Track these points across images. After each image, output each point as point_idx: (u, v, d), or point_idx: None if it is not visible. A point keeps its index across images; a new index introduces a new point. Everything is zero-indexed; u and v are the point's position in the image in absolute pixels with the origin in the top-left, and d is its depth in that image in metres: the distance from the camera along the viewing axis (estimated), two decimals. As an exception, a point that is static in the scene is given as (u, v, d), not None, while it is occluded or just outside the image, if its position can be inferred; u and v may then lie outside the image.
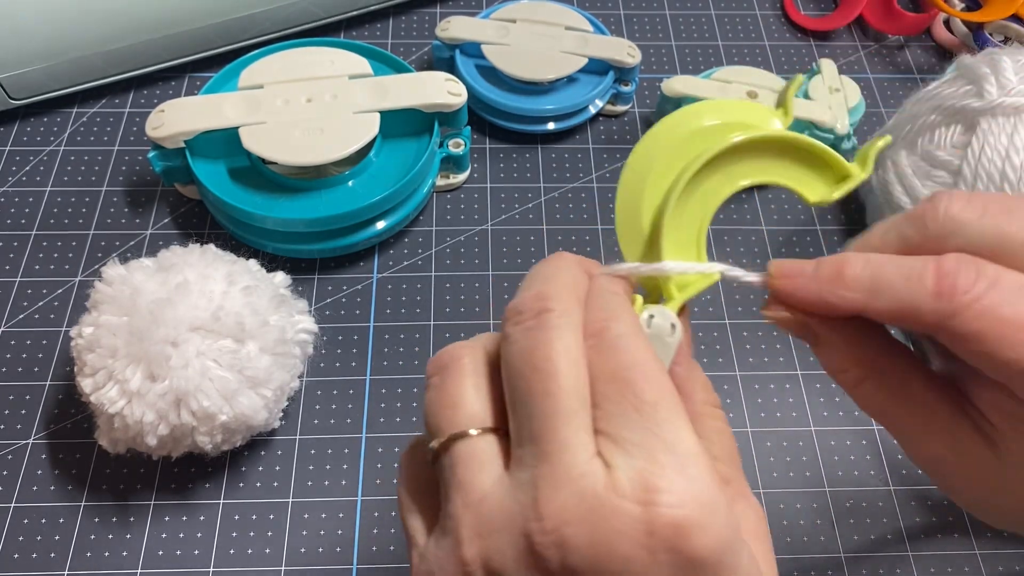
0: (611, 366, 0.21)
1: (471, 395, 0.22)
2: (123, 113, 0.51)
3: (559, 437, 0.20)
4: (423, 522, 0.22)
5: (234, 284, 0.36)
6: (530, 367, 0.21)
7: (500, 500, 0.20)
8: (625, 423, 0.20)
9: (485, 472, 0.21)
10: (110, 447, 0.36)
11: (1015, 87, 0.39)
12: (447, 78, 0.45)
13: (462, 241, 0.46)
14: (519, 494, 0.20)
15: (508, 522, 0.20)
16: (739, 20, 0.58)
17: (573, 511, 0.19)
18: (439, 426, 0.22)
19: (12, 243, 0.45)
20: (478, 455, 0.21)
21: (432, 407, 0.22)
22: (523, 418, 0.21)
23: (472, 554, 0.20)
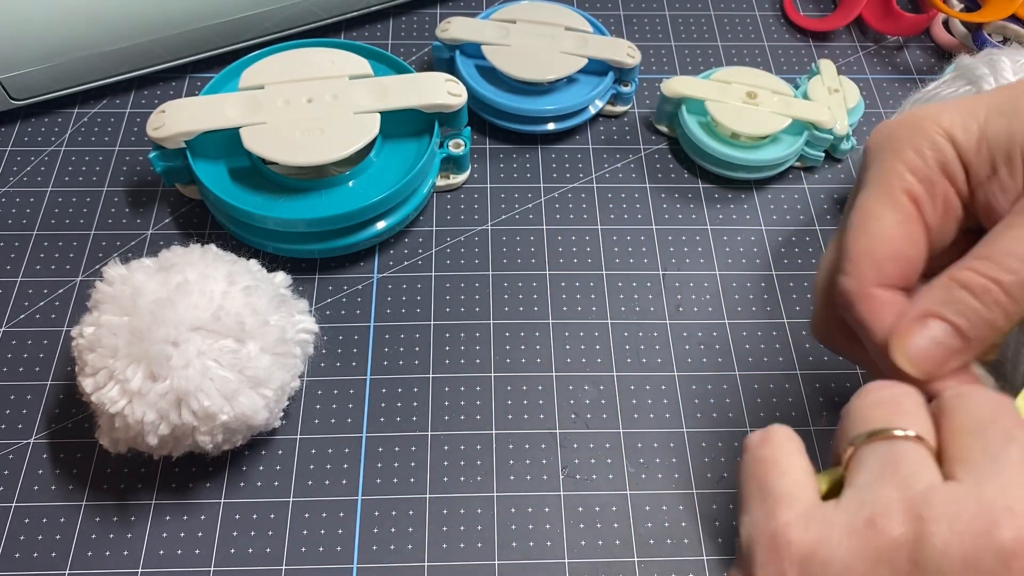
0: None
1: (921, 411, 0.23)
2: (124, 113, 0.51)
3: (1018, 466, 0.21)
4: (802, 491, 0.23)
5: (235, 284, 0.36)
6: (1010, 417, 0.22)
7: (955, 496, 0.20)
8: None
9: (928, 472, 0.21)
10: (111, 447, 0.36)
11: None
12: (447, 78, 0.45)
13: (462, 241, 0.46)
14: (980, 499, 0.20)
15: (965, 518, 0.20)
16: (739, 21, 0.58)
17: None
18: (886, 421, 0.23)
19: (13, 243, 0.45)
20: (923, 457, 0.22)
21: (881, 406, 0.23)
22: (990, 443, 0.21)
23: (903, 532, 0.20)
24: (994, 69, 0.40)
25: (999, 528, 0.19)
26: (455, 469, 0.39)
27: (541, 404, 0.41)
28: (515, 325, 0.44)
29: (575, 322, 0.44)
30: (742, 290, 0.45)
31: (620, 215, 0.48)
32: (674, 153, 0.51)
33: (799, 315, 0.44)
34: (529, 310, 0.44)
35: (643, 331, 0.44)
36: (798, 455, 0.24)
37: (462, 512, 0.38)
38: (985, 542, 0.19)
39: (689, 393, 0.42)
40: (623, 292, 0.45)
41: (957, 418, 0.23)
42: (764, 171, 0.49)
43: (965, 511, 0.20)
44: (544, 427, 0.41)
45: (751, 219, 0.48)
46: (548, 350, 0.43)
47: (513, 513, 0.38)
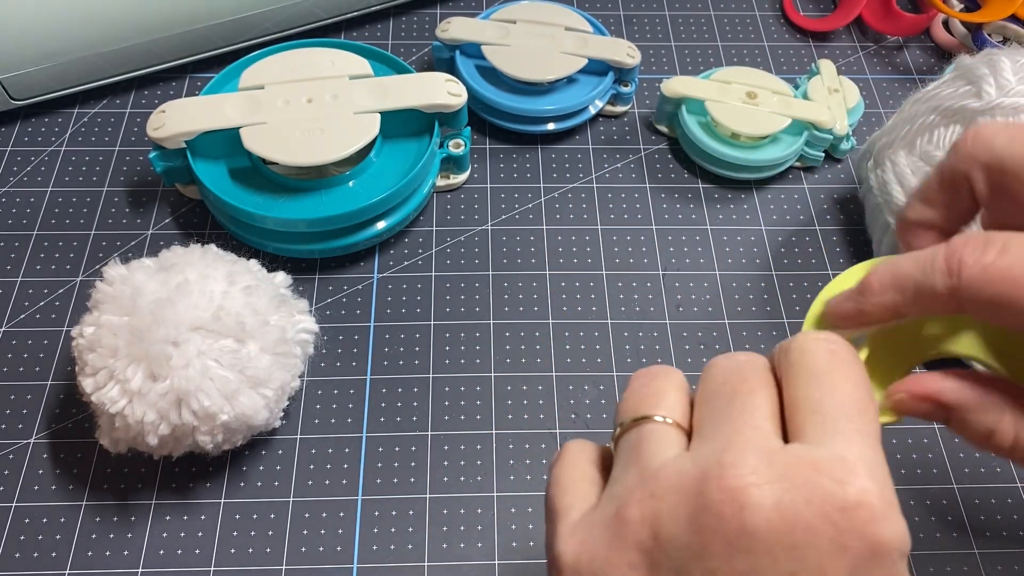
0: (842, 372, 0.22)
1: (674, 395, 0.24)
2: (124, 113, 0.51)
3: (754, 420, 0.21)
4: (580, 500, 0.23)
5: (235, 284, 0.36)
6: (737, 375, 0.23)
7: (679, 466, 0.21)
8: (844, 416, 0.21)
9: (667, 448, 0.22)
10: (111, 447, 0.36)
11: (1014, 88, 0.39)
12: (447, 79, 0.45)
13: (462, 241, 0.46)
14: (700, 460, 0.21)
15: (685, 483, 0.21)
16: (738, 21, 0.58)
17: (763, 472, 0.20)
18: (637, 409, 0.24)
19: (13, 243, 0.45)
20: (665, 435, 0.23)
21: (636, 395, 0.24)
22: (718, 405, 0.22)
23: (639, 513, 0.21)
24: (994, 69, 0.40)
25: (708, 483, 0.20)
26: (455, 469, 0.39)
27: (541, 404, 0.41)
28: (515, 325, 0.44)
29: (575, 322, 0.44)
30: (742, 290, 0.45)
31: (620, 215, 0.48)
32: (674, 153, 0.51)
33: (799, 315, 0.44)
34: (529, 310, 0.44)
35: (643, 331, 0.44)
36: (583, 467, 0.24)
37: (462, 512, 0.38)
38: (702, 501, 0.20)
39: (689, 393, 0.42)
40: (623, 292, 0.45)
41: (699, 391, 0.24)
42: (764, 171, 0.49)
43: (686, 477, 0.21)
44: (544, 427, 0.41)
45: (751, 219, 0.48)
46: (548, 350, 0.43)
47: (513, 513, 0.38)
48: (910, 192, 0.39)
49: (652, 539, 0.21)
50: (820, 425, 0.21)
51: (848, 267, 0.26)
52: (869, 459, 0.20)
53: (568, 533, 0.22)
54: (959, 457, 0.40)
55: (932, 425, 0.41)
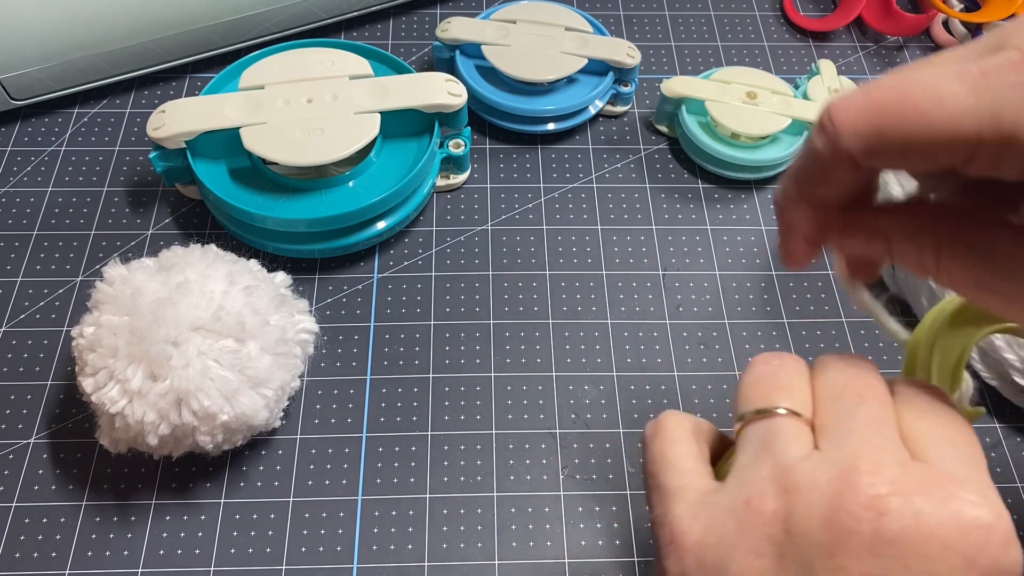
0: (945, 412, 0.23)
1: (801, 387, 0.24)
2: (124, 114, 0.51)
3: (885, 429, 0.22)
4: (696, 480, 0.24)
5: (235, 284, 0.36)
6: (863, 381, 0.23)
7: (814, 464, 0.21)
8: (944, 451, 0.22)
9: (799, 444, 0.22)
10: (111, 447, 0.36)
11: None
12: (447, 79, 0.45)
13: (462, 241, 0.46)
14: (834, 464, 0.21)
15: (822, 483, 0.21)
16: (738, 21, 0.58)
17: (902, 483, 0.20)
18: (766, 399, 0.24)
19: (13, 243, 0.45)
20: (796, 430, 0.23)
21: (762, 384, 0.24)
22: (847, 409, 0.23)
23: (775, 507, 0.21)
24: None
25: (846, 486, 0.21)
26: (455, 469, 0.39)
27: (541, 404, 0.41)
28: (515, 325, 0.44)
29: (575, 322, 0.44)
30: (742, 290, 0.45)
31: (620, 215, 0.48)
32: (674, 153, 0.51)
33: (799, 315, 0.44)
34: (529, 310, 0.44)
35: (643, 331, 0.44)
36: (687, 443, 0.25)
37: (462, 512, 0.38)
38: (838, 503, 0.20)
39: (689, 393, 0.42)
40: (623, 292, 0.45)
41: (820, 388, 0.24)
42: (764, 171, 0.49)
43: (821, 477, 0.21)
44: (544, 427, 0.41)
45: (751, 219, 0.48)
46: (548, 350, 0.43)
47: (513, 513, 0.38)
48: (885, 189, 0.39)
49: (783, 533, 0.21)
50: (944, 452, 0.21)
51: None
52: (992, 490, 0.21)
53: (691, 514, 0.23)
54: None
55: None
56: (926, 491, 0.20)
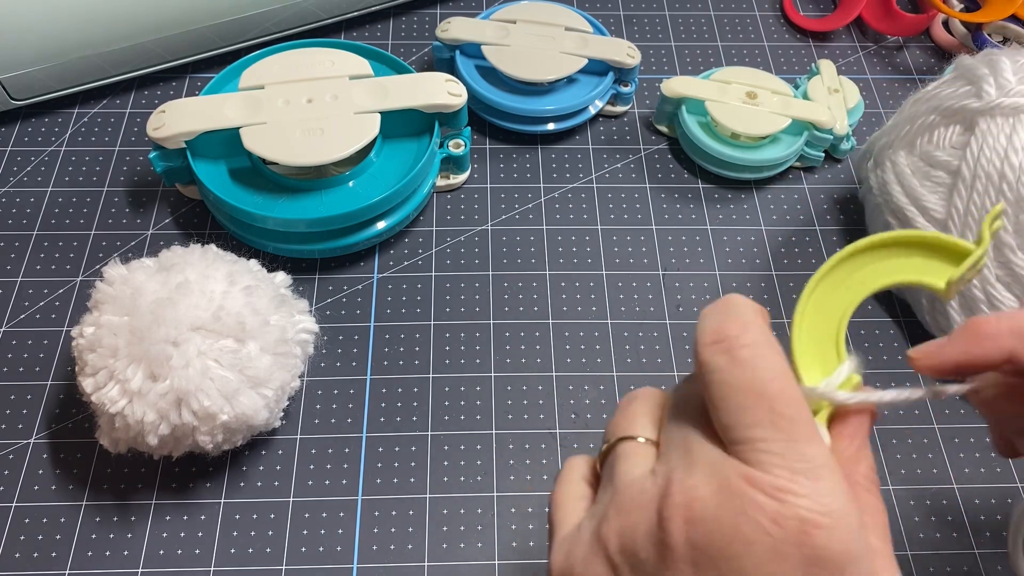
0: (746, 377, 0.22)
1: (646, 417, 0.25)
2: (124, 114, 0.51)
3: (695, 430, 0.23)
4: (569, 516, 0.25)
5: (235, 284, 0.36)
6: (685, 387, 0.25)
7: (642, 483, 0.23)
8: (760, 434, 0.22)
9: (639, 466, 0.24)
10: (111, 447, 0.36)
11: (1014, 88, 0.39)
12: (447, 79, 0.45)
13: (462, 241, 0.46)
14: (658, 478, 0.22)
15: (644, 500, 0.22)
16: (738, 21, 0.58)
17: (703, 488, 0.21)
18: (616, 432, 0.25)
19: (13, 243, 0.45)
20: (638, 453, 0.24)
21: (617, 418, 0.26)
22: (669, 423, 0.24)
23: (610, 530, 0.23)
24: (994, 69, 0.40)
25: (662, 499, 0.22)
26: (455, 469, 0.39)
27: (541, 404, 0.41)
28: (515, 325, 0.44)
29: (575, 322, 0.44)
30: (742, 290, 0.45)
31: (620, 215, 0.48)
32: (674, 153, 0.51)
33: (799, 315, 0.44)
34: (529, 310, 0.44)
35: (643, 331, 0.44)
36: (575, 483, 0.26)
37: (462, 512, 0.38)
38: (655, 516, 0.22)
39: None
40: (623, 292, 0.45)
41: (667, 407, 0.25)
42: (764, 171, 0.49)
43: (646, 493, 0.22)
44: (544, 427, 0.41)
45: (751, 219, 0.48)
46: (548, 350, 0.43)
47: (513, 513, 0.38)
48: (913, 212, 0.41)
49: (620, 554, 0.22)
50: (747, 452, 0.22)
51: None
52: (808, 469, 0.21)
53: (557, 547, 0.24)
54: (959, 457, 0.40)
55: (932, 425, 0.41)
56: (725, 490, 0.21)
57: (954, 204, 0.40)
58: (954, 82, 0.42)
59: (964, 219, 0.40)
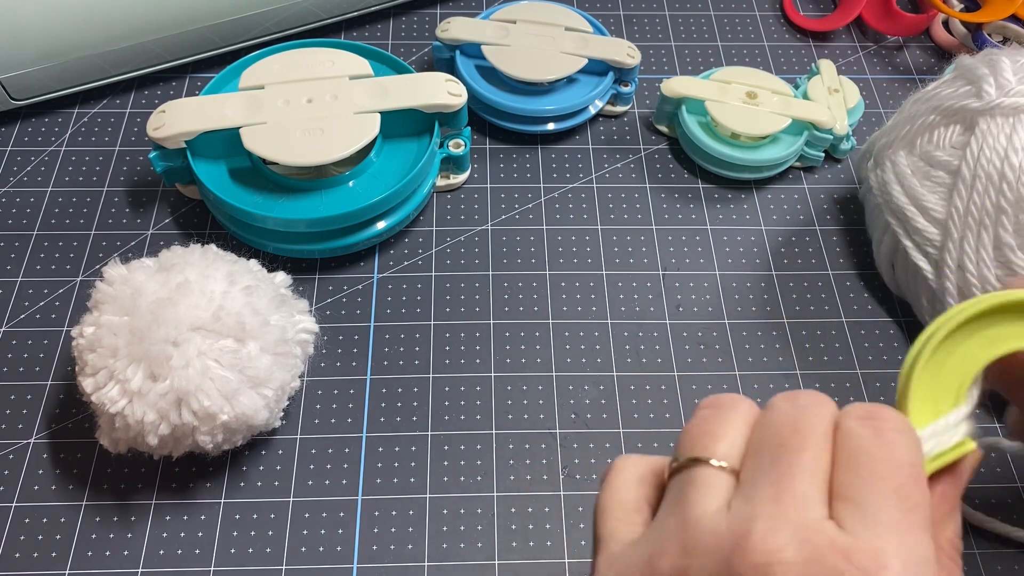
0: (887, 453, 0.21)
1: (733, 435, 0.23)
2: (124, 113, 0.51)
3: (795, 485, 0.21)
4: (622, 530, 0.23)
5: (235, 284, 0.36)
6: (790, 427, 0.22)
7: (715, 524, 0.21)
8: (882, 503, 0.20)
9: (713, 498, 0.21)
10: (111, 447, 0.36)
11: (1014, 88, 0.39)
12: (447, 79, 0.45)
13: (462, 241, 0.46)
14: (735, 523, 0.20)
15: (716, 545, 0.20)
16: (739, 21, 0.58)
17: (790, 551, 0.19)
18: (694, 448, 0.23)
19: (13, 243, 0.45)
20: (714, 483, 0.22)
21: (696, 430, 0.23)
22: (764, 461, 0.21)
23: (669, 566, 0.21)
24: (994, 69, 0.40)
25: (736, 552, 0.20)
26: (455, 469, 0.39)
27: (541, 404, 0.41)
28: (515, 325, 0.44)
29: (575, 322, 0.44)
30: (742, 290, 0.45)
31: (620, 215, 0.48)
32: (674, 153, 0.51)
33: (799, 315, 0.44)
34: (529, 310, 0.44)
35: (643, 331, 0.44)
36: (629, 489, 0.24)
37: (462, 512, 0.38)
38: (726, 568, 0.20)
39: (689, 393, 0.42)
40: (623, 292, 0.45)
41: (753, 434, 0.23)
42: (764, 171, 0.49)
43: (718, 539, 0.20)
44: (544, 427, 0.41)
45: (751, 219, 0.48)
46: (548, 350, 0.43)
47: (513, 513, 0.38)
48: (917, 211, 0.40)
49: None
50: (859, 513, 0.20)
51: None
52: (907, 553, 0.20)
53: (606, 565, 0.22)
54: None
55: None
56: (816, 561, 0.19)
57: (954, 204, 0.40)
58: (954, 82, 0.42)
59: (964, 219, 0.40)
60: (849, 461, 0.21)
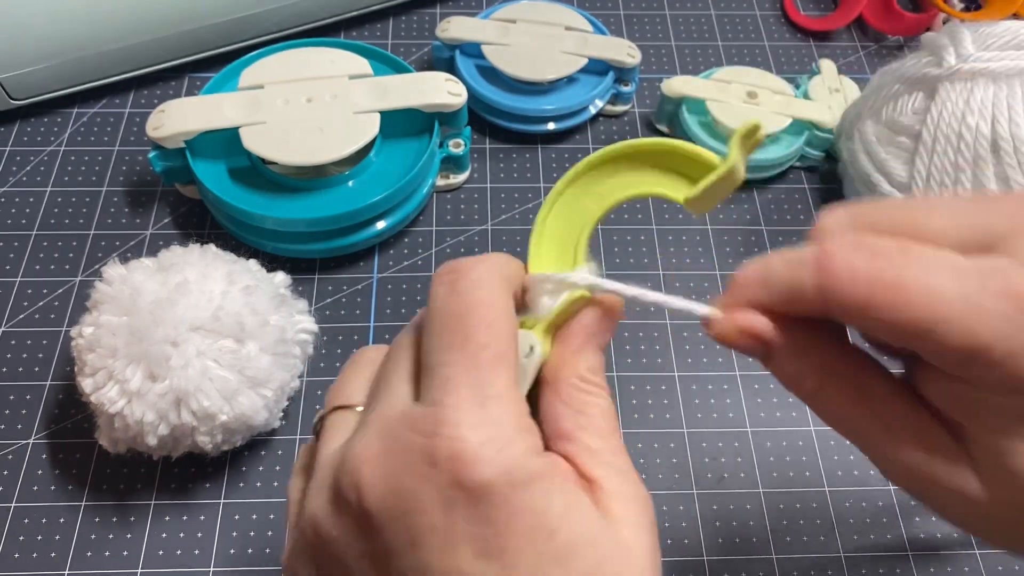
0: (456, 304, 0.21)
1: (360, 381, 0.24)
2: (123, 113, 0.51)
3: (384, 382, 0.22)
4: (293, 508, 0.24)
5: (234, 284, 0.36)
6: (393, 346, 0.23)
7: (332, 458, 0.21)
8: (447, 357, 0.20)
9: (339, 436, 0.22)
10: (110, 447, 0.36)
11: (972, 55, 0.41)
12: (447, 78, 0.45)
13: (462, 241, 0.46)
14: (344, 446, 0.21)
15: (328, 476, 0.21)
16: (739, 20, 0.58)
17: (375, 446, 0.20)
18: (330, 401, 0.24)
19: (12, 243, 0.45)
20: (345, 423, 0.23)
21: (334, 386, 0.25)
22: (375, 382, 0.23)
23: (306, 517, 0.21)
24: (955, 40, 0.42)
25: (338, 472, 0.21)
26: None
27: (541, 404, 0.41)
28: (515, 325, 0.43)
29: (575, 322, 0.44)
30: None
31: (620, 215, 0.48)
32: (674, 153, 0.51)
33: (799, 315, 0.44)
34: (529, 310, 0.44)
35: (643, 331, 0.44)
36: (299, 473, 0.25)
37: (462, 512, 0.38)
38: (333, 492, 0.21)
39: (689, 393, 0.42)
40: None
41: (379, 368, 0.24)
42: (764, 171, 0.49)
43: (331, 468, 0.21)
44: (544, 427, 0.40)
45: (751, 219, 0.48)
46: (548, 350, 0.43)
47: (513, 513, 0.38)
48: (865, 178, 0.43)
49: (317, 542, 0.21)
50: (428, 376, 0.20)
51: None
52: (464, 400, 0.19)
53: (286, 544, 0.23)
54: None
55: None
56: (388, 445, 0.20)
57: (916, 168, 0.42)
58: (919, 54, 0.44)
59: (927, 181, 0.42)
60: (428, 326, 0.21)
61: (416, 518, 0.19)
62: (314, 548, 0.21)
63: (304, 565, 0.21)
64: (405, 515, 0.19)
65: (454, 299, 0.21)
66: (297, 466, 0.24)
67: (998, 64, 0.40)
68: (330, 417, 0.23)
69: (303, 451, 0.25)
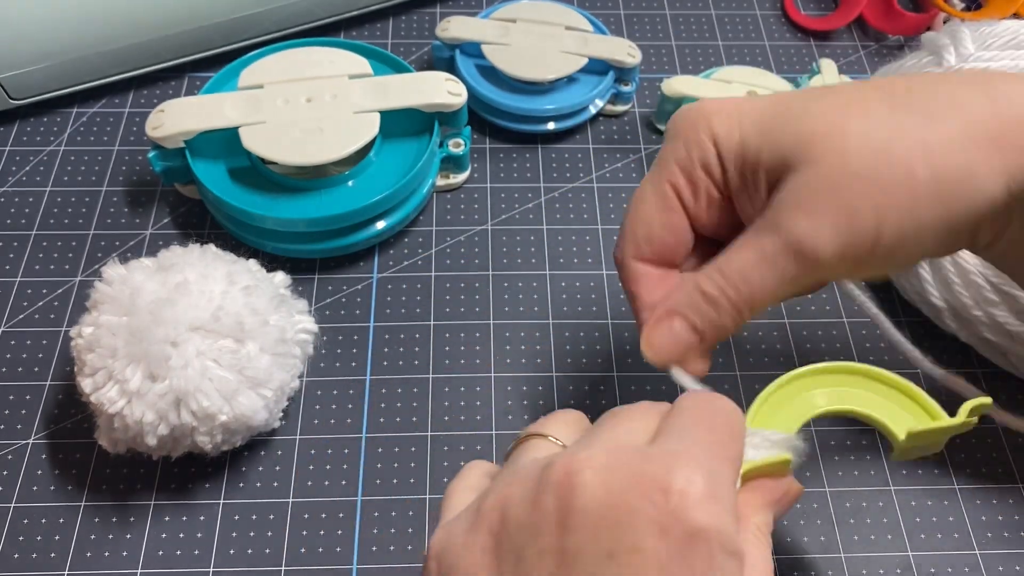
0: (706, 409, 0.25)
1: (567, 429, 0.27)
2: (123, 113, 0.51)
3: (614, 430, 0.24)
4: (458, 506, 0.25)
5: (234, 284, 0.36)
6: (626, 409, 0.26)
7: (534, 462, 0.23)
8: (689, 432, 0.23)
9: (540, 453, 0.24)
10: (110, 447, 0.36)
11: (973, 55, 0.41)
12: (447, 78, 0.45)
13: (462, 241, 0.46)
14: (558, 454, 0.23)
15: (535, 471, 0.22)
16: (739, 20, 0.58)
17: (598, 460, 0.21)
18: (527, 432, 0.26)
19: (12, 243, 0.45)
20: (543, 447, 0.25)
21: (532, 425, 0.27)
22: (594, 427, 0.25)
23: (493, 501, 0.23)
24: (955, 39, 0.42)
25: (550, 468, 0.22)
26: (455, 469, 0.39)
27: (541, 405, 0.41)
28: (515, 325, 0.43)
29: (575, 322, 0.44)
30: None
31: (620, 215, 0.48)
32: (674, 153, 0.51)
33: (799, 314, 0.44)
34: (529, 310, 0.44)
35: (643, 331, 0.44)
36: (471, 478, 0.27)
37: (462, 512, 0.38)
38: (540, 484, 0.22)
39: (689, 393, 0.42)
40: (624, 292, 0.45)
41: None
42: (765, 171, 0.48)
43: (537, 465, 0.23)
44: (544, 427, 0.40)
45: (751, 219, 0.48)
46: (548, 350, 0.43)
47: (513, 513, 0.38)
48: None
49: (500, 522, 0.22)
50: (667, 434, 0.23)
51: None
52: (703, 461, 0.22)
53: (438, 530, 0.24)
54: (960, 457, 0.40)
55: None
56: (619, 463, 0.21)
57: None
58: (919, 53, 0.44)
59: None
60: (674, 411, 0.24)
61: (625, 533, 0.20)
62: (492, 531, 0.22)
63: (467, 547, 0.22)
64: (616, 526, 0.20)
65: (707, 406, 0.25)
66: (474, 472, 0.27)
67: (998, 64, 0.40)
68: (534, 439, 0.25)
69: (485, 463, 0.27)
